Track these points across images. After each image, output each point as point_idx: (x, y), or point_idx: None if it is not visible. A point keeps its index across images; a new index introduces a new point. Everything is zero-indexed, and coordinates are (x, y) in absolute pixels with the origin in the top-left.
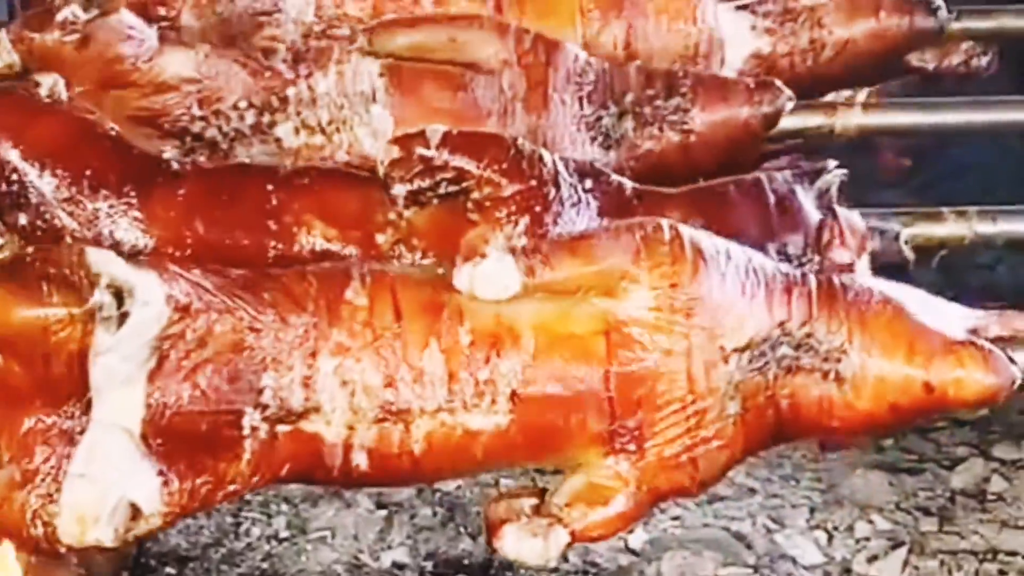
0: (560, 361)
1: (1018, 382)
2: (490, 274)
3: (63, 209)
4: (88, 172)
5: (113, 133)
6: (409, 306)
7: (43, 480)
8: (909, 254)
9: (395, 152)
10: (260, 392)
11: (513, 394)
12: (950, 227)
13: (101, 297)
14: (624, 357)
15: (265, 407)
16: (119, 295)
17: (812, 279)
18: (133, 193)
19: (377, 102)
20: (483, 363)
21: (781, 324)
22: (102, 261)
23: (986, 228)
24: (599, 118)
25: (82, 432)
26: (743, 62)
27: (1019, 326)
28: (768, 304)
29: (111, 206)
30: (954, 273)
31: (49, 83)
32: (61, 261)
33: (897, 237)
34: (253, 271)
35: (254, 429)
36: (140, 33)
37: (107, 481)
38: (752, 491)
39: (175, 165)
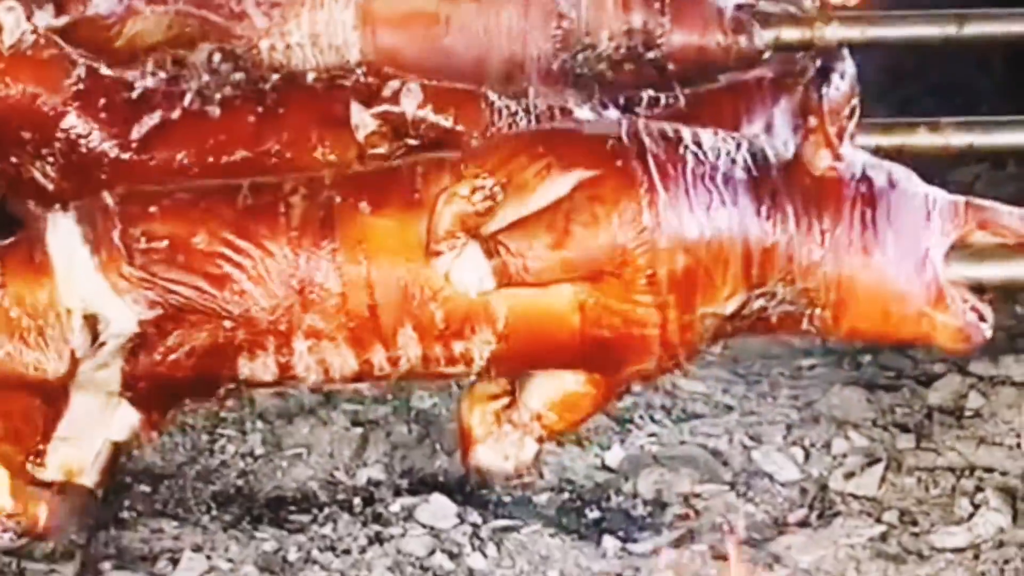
0: (535, 331)
1: (987, 336)
2: (466, 273)
3: (37, 169)
4: (65, 119)
5: (83, 73)
6: (384, 290)
7: (30, 442)
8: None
9: (371, 124)
10: (236, 371)
11: (490, 358)
12: (924, 138)
13: (77, 343)
14: (599, 327)
15: (243, 381)
16: (93, 323)
17: (792, 224)
18: (111, 138)
19: (351, 61)
20: (457, 338)
21: (758, 285)
22: (74, 296)
23: (960, 140)
24: (574, 62)
25: (64, 410)
26: None
27: (1004, 222)
28: (745, 271)
29: (91, 152)
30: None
31: (11, 22)
32: (34, 304)
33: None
34: (226, 234)
35: (232, 389)
36: (113, 16)
37: (90, 438)
38: (729, 408)
39: (154, 118)
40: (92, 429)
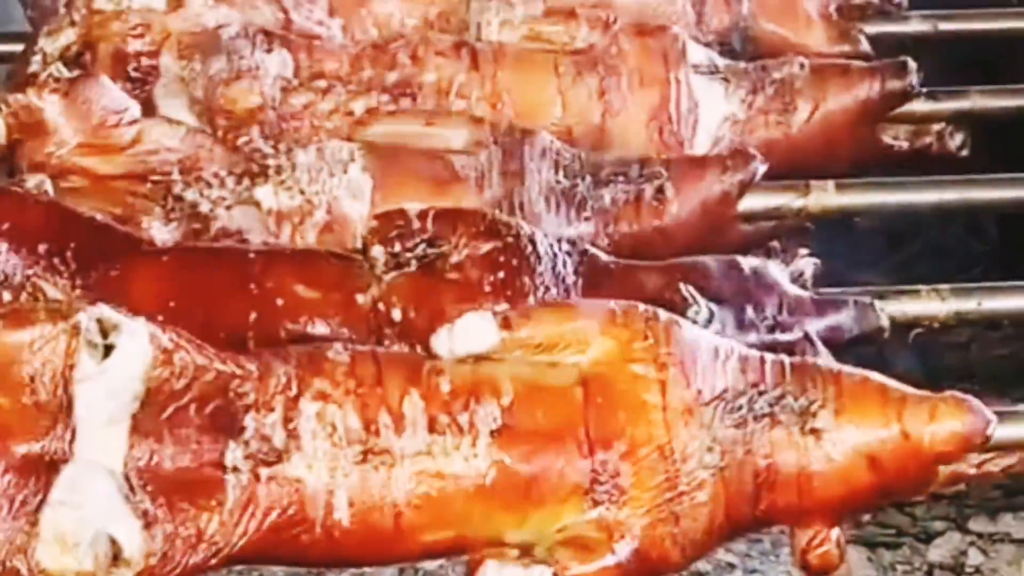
0: (538, 409)
1: (994, 426)
2: (467, 327)
3: (47, 279)
4: (70, 250)
5: (98, 218)
6: (390, 362)
7: (22, 507)
8: (884, 321)
9: (373, 223)
10: (242, 431)
11: (493, 438)
12: (925, 305)
13: (85, 320)
14: (601, 406)
15: (247, 443)
16: (104, 329)
17: (784, 356)
18: (115, 268)
19: (355, 161)
20: (462, 409)
21: (755, 384)
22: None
23: (962, 305)
24: (575, 186)
25: (64, 463)
26: (717, 126)
27: None
28: (742, 368)
29: (94, 281)
30: (929, 353)
31: (35, 183)
32: (45, 294)
33: (872, 306)
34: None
35: (236, 469)
36: (122, 98)
37: (87, 511)
38: (731, 566)
39: (156, 244)
40: (90, 504)
